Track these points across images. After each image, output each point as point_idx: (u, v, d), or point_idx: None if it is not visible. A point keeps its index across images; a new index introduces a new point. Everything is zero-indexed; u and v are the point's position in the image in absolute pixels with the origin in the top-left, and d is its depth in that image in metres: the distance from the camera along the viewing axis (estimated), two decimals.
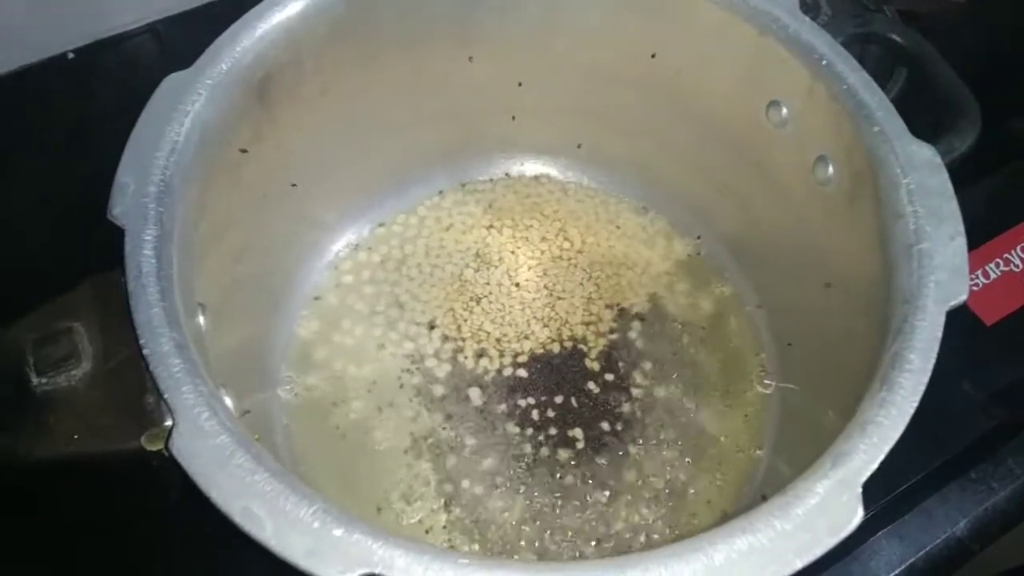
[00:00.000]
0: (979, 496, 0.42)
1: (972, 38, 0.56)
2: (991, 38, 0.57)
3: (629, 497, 0.42)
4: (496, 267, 0.50)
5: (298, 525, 0.26)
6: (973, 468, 0.43)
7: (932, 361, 0.30)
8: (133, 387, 0.30)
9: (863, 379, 0.32)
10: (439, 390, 0.45)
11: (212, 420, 0.28)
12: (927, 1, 0.56)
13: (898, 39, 0.46)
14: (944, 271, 0.32)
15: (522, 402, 0.45)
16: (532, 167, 0.54)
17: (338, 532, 0.25)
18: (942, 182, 0.34)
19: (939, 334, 0.30)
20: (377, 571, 0.25)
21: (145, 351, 0.29)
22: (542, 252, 0.51)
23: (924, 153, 0.35)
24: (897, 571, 0.41)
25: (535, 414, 0.45)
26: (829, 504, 0.26)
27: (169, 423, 0.28)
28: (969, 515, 0.42)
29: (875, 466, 0.27)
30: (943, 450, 0.44)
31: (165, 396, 0.28)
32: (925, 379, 0.29)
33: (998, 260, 0.50)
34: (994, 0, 0.60)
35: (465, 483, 0.43)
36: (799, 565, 0.25)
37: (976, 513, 0.42)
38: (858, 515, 0.26)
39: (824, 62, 0.38)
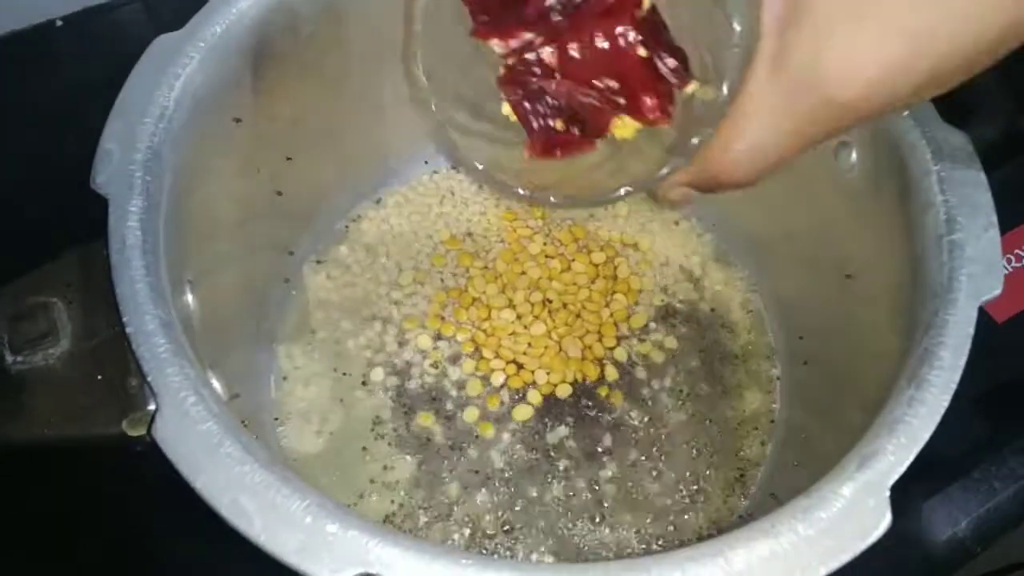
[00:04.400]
0: (981, 496, 0.41)
1: None
2: None
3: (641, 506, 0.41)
4: (496, 247, 0.48)
5: (289, 520, 0.24)
6: (975, 468, 0.42)
7: (964, 358, 0.28)
8: (116, 368, 0.28)
9: (884, 374, 0.30)
10: (434, 377, 0.44)
11: (199, 405, 0.26)
12: None
13: None
14: (977, 264, 0.30)
15: (523, 395, 0.44)
16: None
17: (332, 528, 0.24)
18: (975, 170, 0.32)
19: (971, 330, 0.29)
20: (373, 571, 0.24)
21: (128, 329, 0.27)
22: (546, 235, 0.49)
23: (956, 139, 0.33)
24: (897, 571, 0.40)
25: (536, 409, 0.43)
26: (855, 508, 0.25)
27: (153, 407, 0.26)
28: (971, 515, 0.41)
29: (904, 468, 0.26)
30: (945, 449, 0.42)
31: (148, 378, 0.27)
32: (956, 377, 0.28)
33: (1009, 256, 0.48)
34: None
35: (453, 485, 0.41)
36: (823, 572, 0.24)
37: (978, 513, 0.41)
38: (886, 519, 0.25)
39: None
